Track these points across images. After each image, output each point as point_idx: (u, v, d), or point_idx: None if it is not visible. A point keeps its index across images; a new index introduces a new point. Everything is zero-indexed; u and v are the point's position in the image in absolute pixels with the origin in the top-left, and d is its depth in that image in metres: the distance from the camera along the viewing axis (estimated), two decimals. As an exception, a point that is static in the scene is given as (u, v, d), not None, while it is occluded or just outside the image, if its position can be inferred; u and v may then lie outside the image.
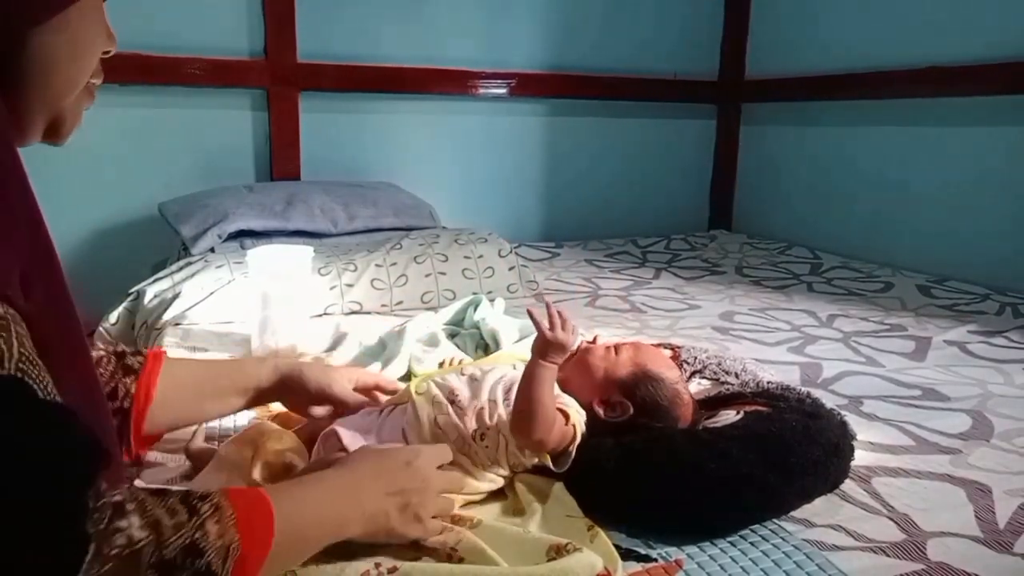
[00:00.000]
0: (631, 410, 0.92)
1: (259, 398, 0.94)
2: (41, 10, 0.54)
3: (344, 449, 0.85)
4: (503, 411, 0.88)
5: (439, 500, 0.77)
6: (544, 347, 0.84)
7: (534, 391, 0.84)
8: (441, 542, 0.74)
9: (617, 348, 0.98)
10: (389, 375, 1.22)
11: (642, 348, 0.99)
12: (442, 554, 0.74)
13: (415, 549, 0.74)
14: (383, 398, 0.97)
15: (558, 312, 0.86)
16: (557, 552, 0.72)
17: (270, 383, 0.92)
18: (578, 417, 0.90)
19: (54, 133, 0.61)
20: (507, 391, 0.91)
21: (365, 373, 1.00)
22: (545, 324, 0.86)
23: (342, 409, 0.93)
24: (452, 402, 0.89)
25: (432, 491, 0.76)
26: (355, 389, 0.95)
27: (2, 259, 0.48)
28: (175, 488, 0.57)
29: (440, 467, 0.80)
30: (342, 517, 0.68)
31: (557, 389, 0.91)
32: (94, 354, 0.80)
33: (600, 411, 0.93)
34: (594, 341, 1.02)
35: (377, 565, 0.70)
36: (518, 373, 0.96)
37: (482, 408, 0.89)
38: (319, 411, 0.95)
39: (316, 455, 0.87)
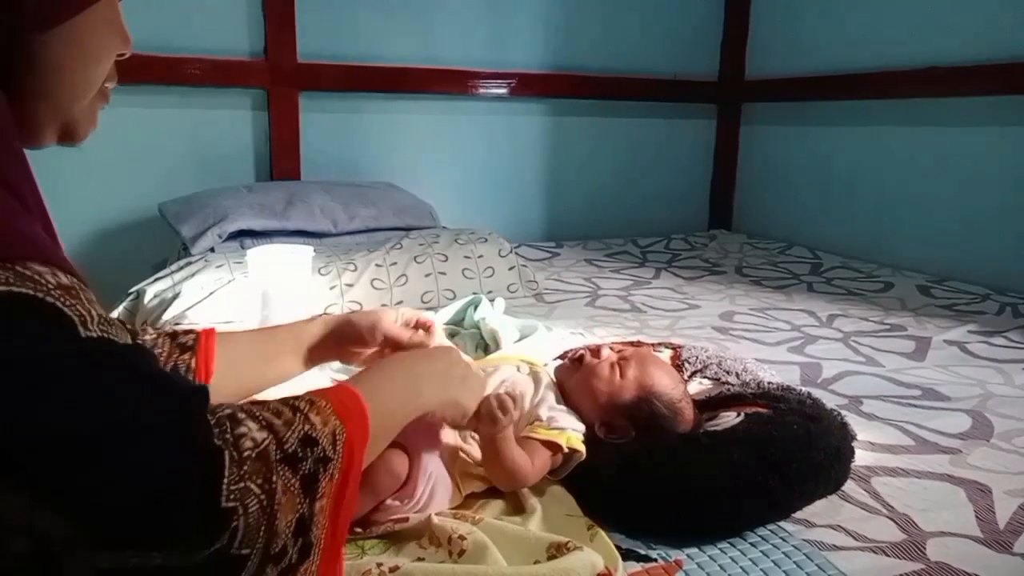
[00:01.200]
0: (632, 433, 0.93)
1: (315, 355, 0.93)
2: (49, 17, 0.53)
3: None
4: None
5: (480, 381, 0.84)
6: (489, 415, 0.82)
7: (497, 459, 0.83)
8: (492, 410, 0.81)
9: (622, 367, 0.96)
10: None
11: (647, 365, 0.97)
12: (446, 548, 0.74)
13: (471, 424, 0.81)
14: (424, 336, 0.95)
15: (509, 390, 0.86)
16: (558, 550, 0.72)
17: (322, 337, 0.92)
18: (576, 437, 0.89)
19: (69, 136, 0.61)
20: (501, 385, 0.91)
21: (406, 310, 0.98)
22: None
23: (395, 345, 0.92)
24: None
25: (474, 375, 0.83)
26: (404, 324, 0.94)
27: (42, 233, 0.49)
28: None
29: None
30: (416, 389, 0.72)
31: (550, 412, 0.91)
32: (146, 337, 0.81)
33: (601, 434, 0.93)
34: (598, 351, 0.99)
35: (379, 565, 0.70)
36: (521, 376, 0.96)
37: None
38: (369, 354, 0.94)
39: None
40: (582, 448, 0.88)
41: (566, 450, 0.87)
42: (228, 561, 0.47)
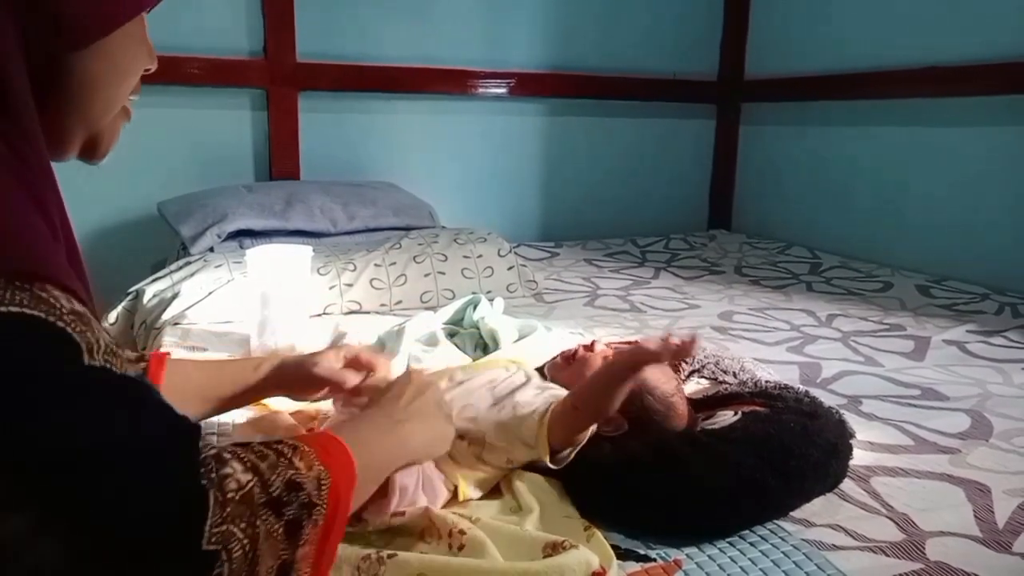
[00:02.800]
0: (625, 426, 0.93)
1: (261, 394, 0.94)
2: (87, 35, 0.54)
3: None
4: (487, 413, 0.89)
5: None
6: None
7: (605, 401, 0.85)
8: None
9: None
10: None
11: None
12: (445, 543, 0.75)
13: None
14: (377, 379, 0.95)
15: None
16: (553, 549, 0.72)
17: (268, 377, 0.93)
18: None
19: (92, 151, 0.62)
20: (494, 393, 0.91)
21: (350, 348, 0.98)
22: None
23: (336, 389, 0.93)
24: None
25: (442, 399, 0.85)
26: (346, 365, 0.94)
27: (62, 260, 0.50)
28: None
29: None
30: (400, 437, 0.73)
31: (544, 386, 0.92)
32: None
33: (595, 426, 0.93)
34: (592, 346, 1.00)
35: (377, 551, 0.71)
36: (510, 375, 0.96)
37: (464, 407, 0.89)
38: (319, 395, 0.95)
39: None
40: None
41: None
42: None
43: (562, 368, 1.00)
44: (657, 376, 0.96)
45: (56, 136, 0.57)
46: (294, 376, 0.92)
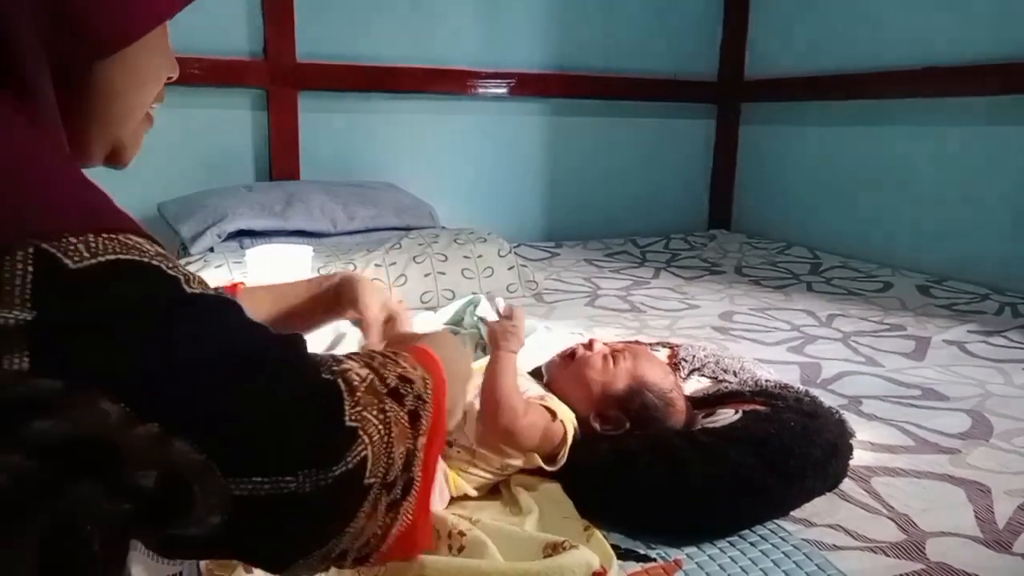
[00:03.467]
0: (627, 424, 0.93)
1: (328, 308, 0.93)
2: (113, 42, 0.54)
3: None
4: (472, 424, 0.88)
5: None
6: (495, 336, 0.87)
7: (492, 379, 0.86)
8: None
9: (614, 358, 0.97)
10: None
11: (639, 356, 0.98)
12: (445, 544, 0.75)
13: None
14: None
15: (508, 305, 0.89)
16: (553, 550, 0.72)
17: (332, 287, 0.92)
18: (568, 416, 0.90)
19: (116, 158, 0.62)
20: (478, 400, 0.90)
21: (393, 306, 0.96)
22: (493, 316, 0.90)
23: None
24: None
25: None
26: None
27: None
28: None
29: None
30: (468, 362, 0.73)
31: (542, 390, 0.91)
32: None
33: (597, 425, 0.93)
34: (590, 345, 1.00)
35: None
36: None
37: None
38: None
39: None
40: (574, 428, 0.89)
41: (560, 420, 0.88)
42: (359, 492, 0.49)
43: (561, 368, 0.99)
44: (655, 373, 0.97)
45: (79, 145, 0.57)
46: (347, 300, 0.91)
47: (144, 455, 0.42)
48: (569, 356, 1.00)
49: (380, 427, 0.50)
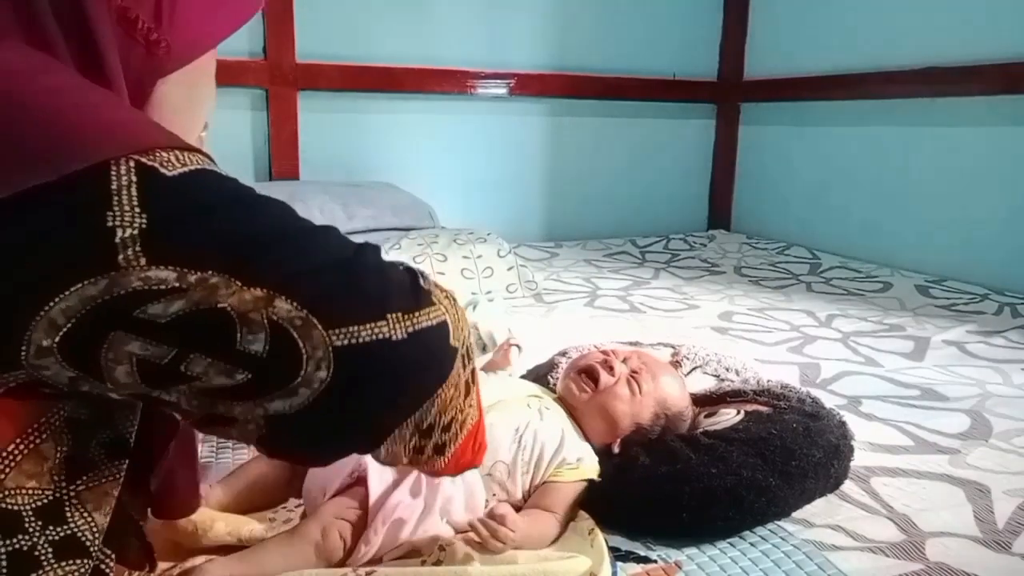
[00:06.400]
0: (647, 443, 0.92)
1: None
2: (181, 56, 0.58)
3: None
4: (512, 460, 0.85)
5: None
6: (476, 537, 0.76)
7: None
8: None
9: (637, 381, 0.93)
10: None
11: (657, 375, 0.95)
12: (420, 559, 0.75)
13: None
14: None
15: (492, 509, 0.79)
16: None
17: None
18: (593, 465, 0.87)
19: None
20: (520, 438, 0.86)
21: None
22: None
23: None
24: None
25: None
26: None
27: None
28: None
29: None
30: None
31: (577, 453, 0.86)
32: None
33: (617, 449, 0.90)
34: (610, 367, 0.94)
35: (354, 569, 0.72)
36: (533, 413, 0.90)
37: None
38: None
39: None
40: (596, 471, 0.87)
41: (596, 479, 0.86)
42: (448, 351, 0.52)
43: (585, 398, 0.93)
44: (675, 393, 0.95)
45: None
46: None
47: (253, 319, 0.46)
48: (590, 379, 0.94)
49: (449, 307, 0.54)
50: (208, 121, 0.69)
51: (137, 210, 0.45)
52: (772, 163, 2.84)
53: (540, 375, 1.06)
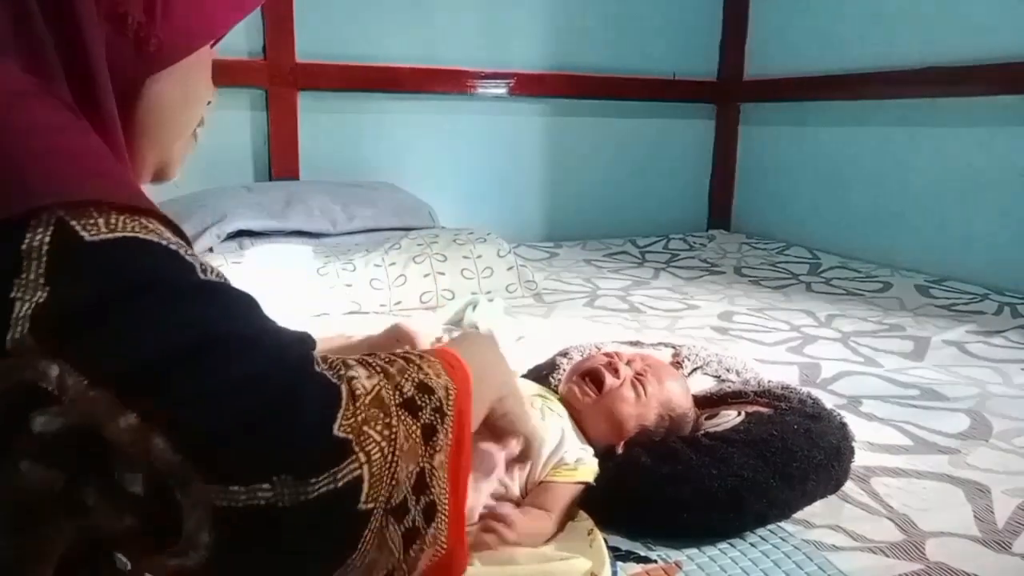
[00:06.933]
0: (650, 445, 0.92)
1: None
2: (172, 54, 0.55)
3: None
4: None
5: None
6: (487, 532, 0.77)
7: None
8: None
9: (642, 384, 0.93)
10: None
11: (662, 378, 0.95)
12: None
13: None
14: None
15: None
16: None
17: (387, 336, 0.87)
18: (593, 467, 0.87)
19: (162, 175, 0.63)
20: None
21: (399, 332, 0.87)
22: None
23: None
24: None
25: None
26: None
27: None
28: None
29: None
30: (504, 369, 0.68)
31: (577, 453, 0.86)
32: None
33: (620, 450, 0.90)
34: (615, 369, 0.94)
35: None
36: (535, 413, 0.89)
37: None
38: None
39: None
40: (595, 472, 0.87)
41: (592, 483, 0.86)
42: (355, 517, 0.44)
43: (589, 401, 0.92)
44: (679, 395, 0.95)
45: (130, 159, 0.57)
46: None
47: (128, 452, 0.40)
48: (593, 382, 0.93)
49: (383, 444, 0.46)
50: (204, 118, 0.66)
51: (42, 280, 0.39)
52: (772, 163, 2.84)
53: (541, 375, 1.06)
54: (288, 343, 0.48)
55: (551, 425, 0.89)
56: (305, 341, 0.50)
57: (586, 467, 0.86)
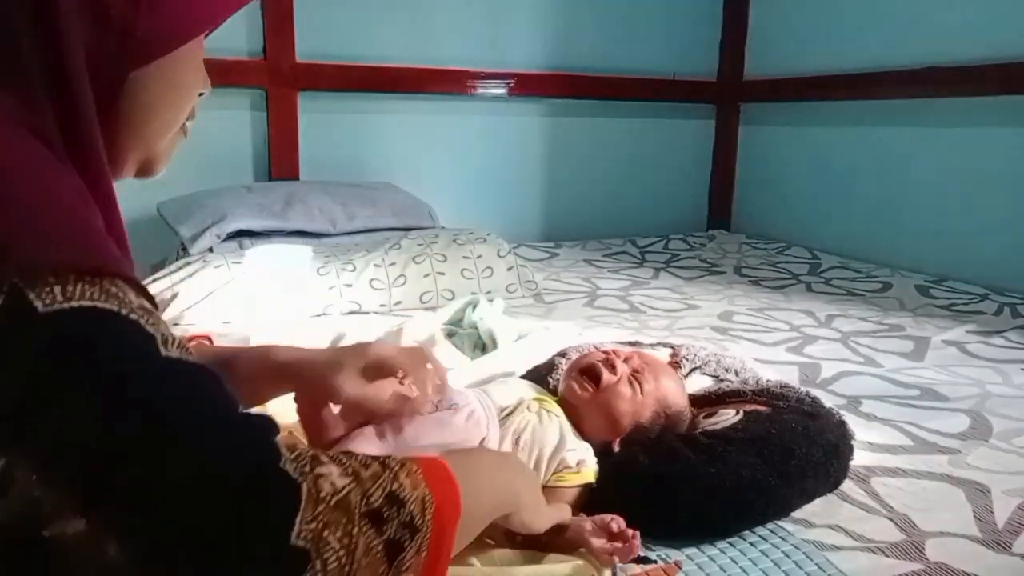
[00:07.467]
0: (647, 443, 0.92)
1: (269, 384, 0.81)
2: (154, 50, 0.53)
3: None
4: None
5: None
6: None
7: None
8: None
9: (639, 381, 0.93)
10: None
11: (659, 376, 0.95)
12: None
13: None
14: (411, 391, 0.78)
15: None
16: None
17: (282, 364, 0.78)
18: (593, 466, 0.87)
19: (147, 170, 0.61)
20: (519, 439, 0.86)
21: (371, 352, 0.77)
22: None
23: (365, 414, 0.77)
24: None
25: None
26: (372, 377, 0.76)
27: (120, 255, 0.48)
28: None
29: None
30: (512, 484, 0.66)
31: (578, 456, 0.86)
32: None
33: (617, 448, 0.90)
34: (612, 366, 0.94)
35: None
36: (532, 416, 0.90)
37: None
38: (331, 416, 0.78)
39: None
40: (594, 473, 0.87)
41: (594, 484, 0.86)
42: None
43: (587, 397, 0.92)
44: (675, 393, 0.96)
45: (112, 157, 0.55)
46: (314, 386, 0.75)
47: (75, 564, 0.37)
48: (591, 379, 0.93)
49: (341, 553, 0.43)
50: (196, 110, 0.63)
51: None
52: (772, 163, 2.84)
53: (540, 376, 1.06)
54: (248, 434, 0.45)
55: (550, 428, 0.88)
56: (268, 429, 0.47)
57: (588, 469, 0.86)
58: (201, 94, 0.63)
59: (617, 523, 0.74)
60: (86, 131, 0.50)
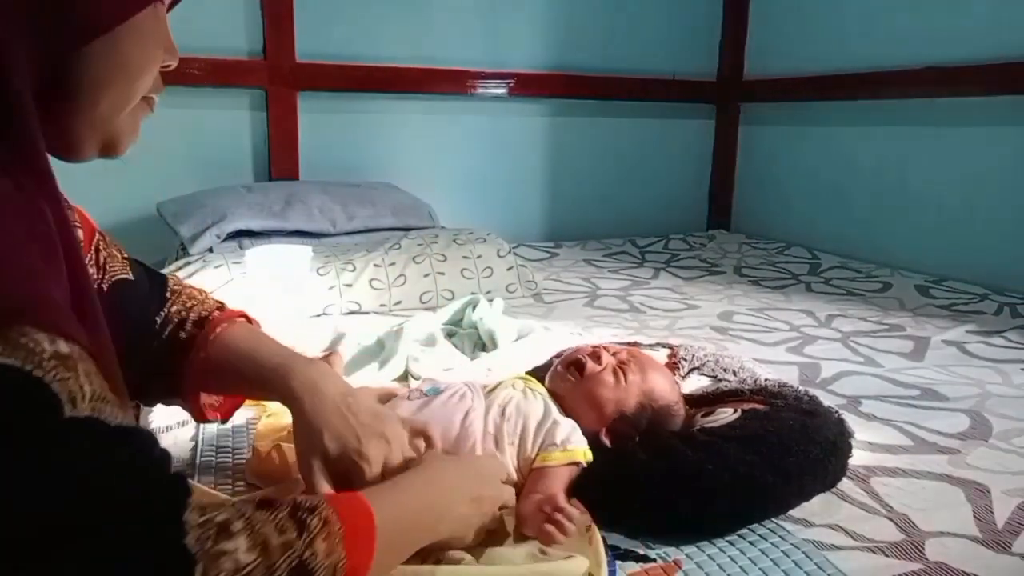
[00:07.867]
0: (636, 437, 0.93)
1: (259, 399, 0.88)
2: (93, 28, 0.52)
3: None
4: (497, 431, 0.88)
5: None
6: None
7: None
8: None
9: (624, 371, 0.95)
10: (386, 375, 1.21)
11: (646, 368, 0.97)
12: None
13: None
14: (421, 445, 0.81)
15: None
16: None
17: (271, 393, 0.79)
18: (587, 450, 0.89)
19: (111, 149, 0.59)
20: (503, 411, 0.90)
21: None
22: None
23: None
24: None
25: (501, 500, 0.78)
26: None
27: (55, 295, 0.45)
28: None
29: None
30: (436, 518, 0.68)
31: (565, 434, 0.88)
32: (172, 308, 0.83)
33: (608, 441, 0.92)
34: (597, 357, 0.96)
35: None
36: (517, 392, 0.93)
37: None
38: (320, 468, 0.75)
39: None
40: (590, 458, 0.88)
41: (584, 464, 0.87)
42: None
43: (570, 386, 0.95)
44: (664, 386, 0.96)
45: (65, 138, 0.54)
46: (302, 439, 0.74)
47: None
48: (576, 369, 0.96)
49: None
50: (160, 81, 0.61)
51: None
52: (772, 163, 2.84)
53: (539, 377, 1.06)
54: (147, 509, 0.43)
55: (534, 401, 0.91)
56: (176, 495, 0.46)
57: (574, 446, 0.88)
58: (167, 66, 0.61)
59: (551, 504, 0.77)
60: (19, 117, 0.48)
